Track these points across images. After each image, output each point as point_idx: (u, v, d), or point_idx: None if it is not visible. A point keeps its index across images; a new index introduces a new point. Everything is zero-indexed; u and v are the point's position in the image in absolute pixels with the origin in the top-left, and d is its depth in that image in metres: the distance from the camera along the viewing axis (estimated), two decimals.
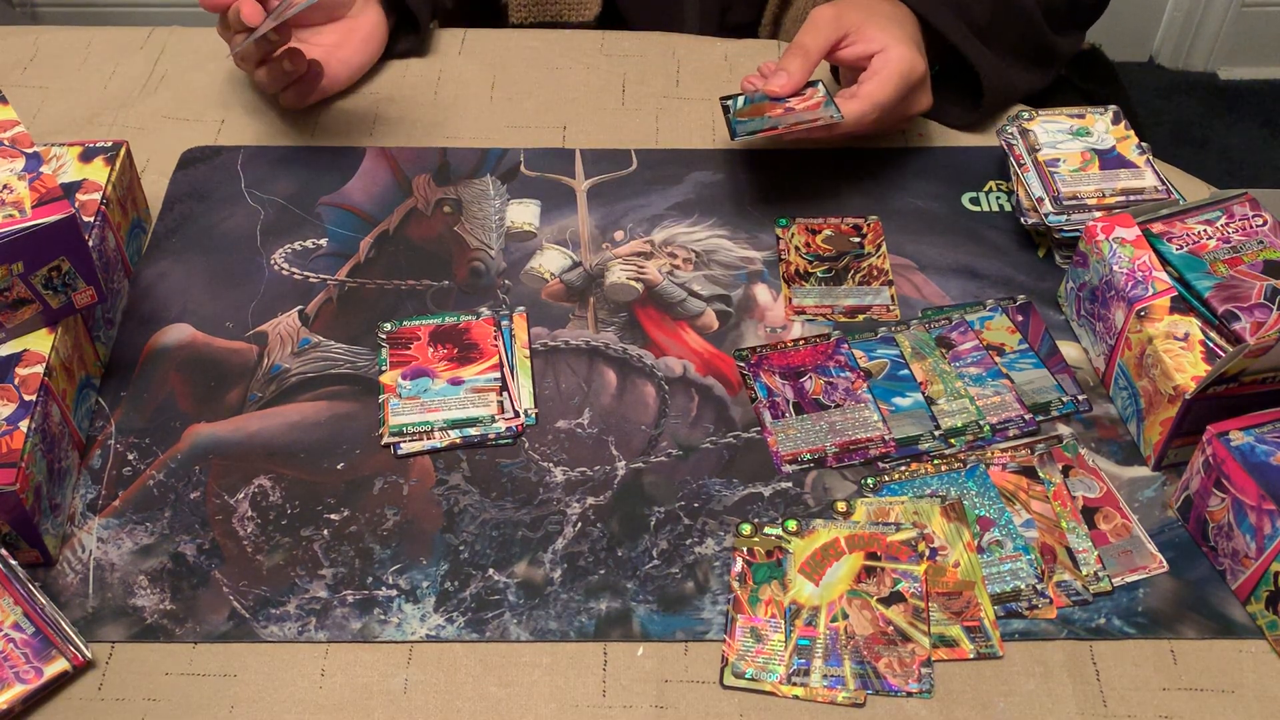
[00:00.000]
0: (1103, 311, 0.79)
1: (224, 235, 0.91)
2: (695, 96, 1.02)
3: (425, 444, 0.76)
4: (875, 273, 0.88)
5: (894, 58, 0.88)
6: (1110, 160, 0.88)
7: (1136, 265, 0.77)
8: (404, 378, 0.79)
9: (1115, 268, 0.77)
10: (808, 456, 0.76)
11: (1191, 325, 0.74)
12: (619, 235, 0.91)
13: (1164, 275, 0.77)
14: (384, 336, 0.81)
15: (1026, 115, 0.92)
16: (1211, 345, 0.73)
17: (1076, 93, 1.14)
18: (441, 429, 0.76)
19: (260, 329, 0.84)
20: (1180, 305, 0.75)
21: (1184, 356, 0.72)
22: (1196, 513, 0.71)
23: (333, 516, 0.74)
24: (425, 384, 0.78)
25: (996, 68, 0.95)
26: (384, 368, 0.79)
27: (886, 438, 0.77)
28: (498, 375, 0.79)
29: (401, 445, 0.76)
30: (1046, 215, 0.86)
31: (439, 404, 0.77)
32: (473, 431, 0.76)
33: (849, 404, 0.79)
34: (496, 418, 0.76)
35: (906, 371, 0.81)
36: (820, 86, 0.89)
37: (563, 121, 1.00)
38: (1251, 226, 0.79)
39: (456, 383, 0.78)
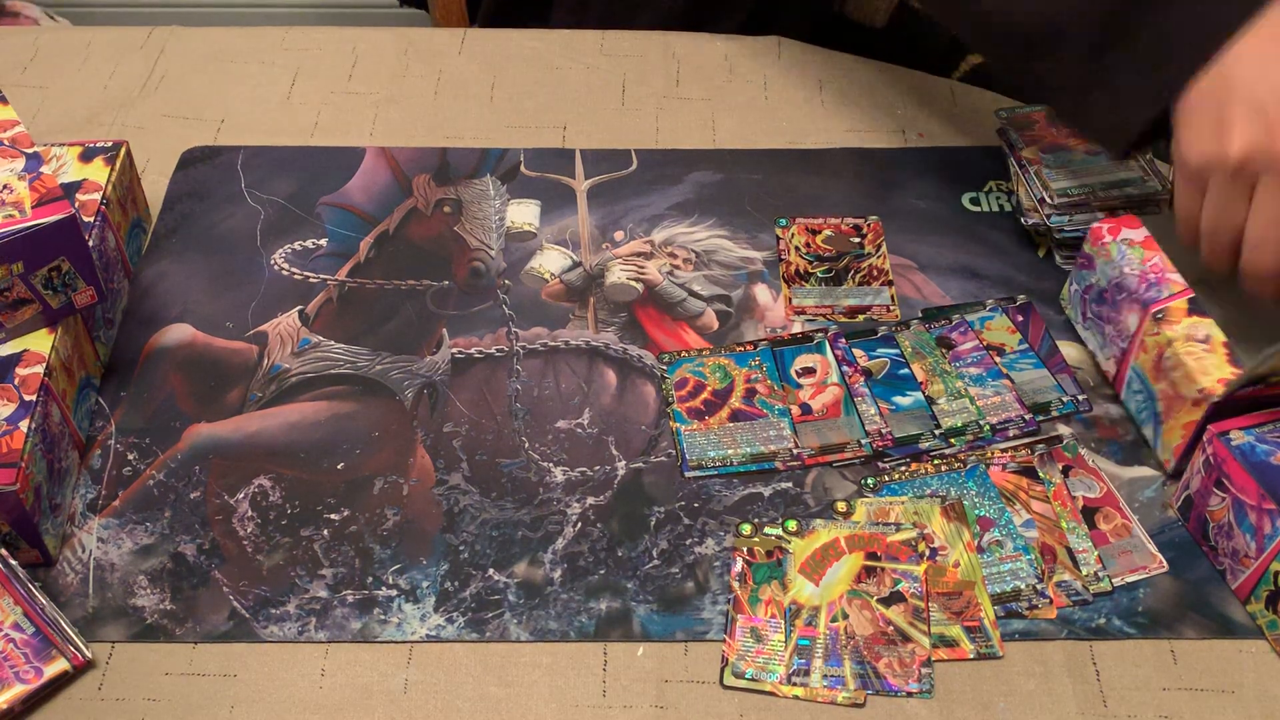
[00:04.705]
0: (1112, 314, 0.78)
1: (224, 235, 0.91)
2: (695, 96, 1.02)
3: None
4: (875, 273, 0.88)
5: None
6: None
7: (1148, 267, 0.76)
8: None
9: (1126, 270, 0.77)
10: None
11: (1211, 327, 0.73)
12: (619, 235, 0.91)
13: (1177, 276, 0.76)
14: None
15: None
16: None
17: None
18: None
19: (260, 329, 0.84)
20: (1197, 307, 0.74)
21: (1208, 359, 0.72)
22: (1196, 512, 0.71)
23: (333, 516, 0.74)
24: None
25: None
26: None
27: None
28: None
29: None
30: (1048, 215, 0.86)
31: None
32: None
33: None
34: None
35: (906, 371, 0.81)
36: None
37: (563, 121, 1.00)
38: None
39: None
